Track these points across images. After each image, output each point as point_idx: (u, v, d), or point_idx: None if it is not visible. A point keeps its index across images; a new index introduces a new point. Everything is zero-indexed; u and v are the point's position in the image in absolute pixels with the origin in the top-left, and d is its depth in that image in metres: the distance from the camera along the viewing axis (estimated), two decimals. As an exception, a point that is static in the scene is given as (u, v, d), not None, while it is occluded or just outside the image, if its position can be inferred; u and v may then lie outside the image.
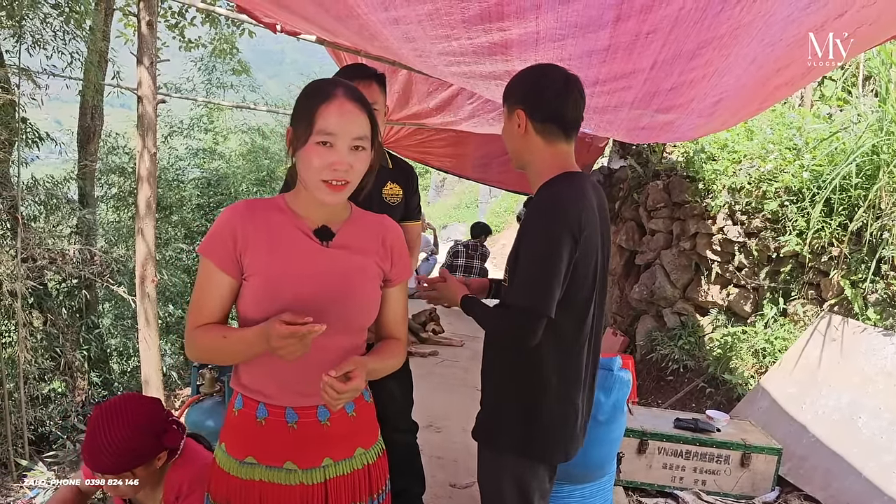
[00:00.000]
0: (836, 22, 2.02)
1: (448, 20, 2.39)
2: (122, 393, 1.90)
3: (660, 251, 6.36)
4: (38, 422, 5.94)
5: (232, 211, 1.48)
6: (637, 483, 3.67)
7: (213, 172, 10.14)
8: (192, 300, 1.50)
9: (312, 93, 1.44)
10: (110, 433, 1.74)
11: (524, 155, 1.92)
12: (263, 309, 1.42)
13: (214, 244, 1.45)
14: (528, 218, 1.82)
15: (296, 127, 1.43)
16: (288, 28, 3.59)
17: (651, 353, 5.90)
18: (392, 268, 1.60)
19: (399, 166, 2.63)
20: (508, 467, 1.90)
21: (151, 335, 3.79)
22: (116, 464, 1.75)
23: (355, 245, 1.54)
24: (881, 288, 4.15)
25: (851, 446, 3.60)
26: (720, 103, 2.99)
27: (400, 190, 2.55)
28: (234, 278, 1.46)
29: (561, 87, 1.85)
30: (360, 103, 1.44)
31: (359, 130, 1.41)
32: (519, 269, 1.76)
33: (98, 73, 7.69)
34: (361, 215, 1.61)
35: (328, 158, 1.39)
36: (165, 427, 1.83)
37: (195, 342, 1.47)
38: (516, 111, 1.87)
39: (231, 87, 11.29)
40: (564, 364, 1.84)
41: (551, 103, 1.85)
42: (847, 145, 4.58)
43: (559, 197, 1.79)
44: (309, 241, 1.49)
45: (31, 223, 6.55)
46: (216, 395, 3.11)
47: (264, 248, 1.45)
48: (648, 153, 6.97)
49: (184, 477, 1.85)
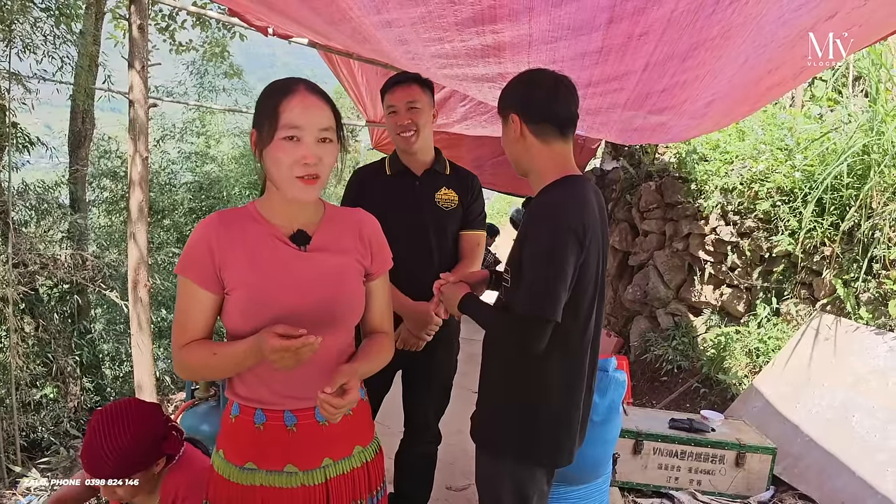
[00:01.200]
0: (826, 24, 2.03)
1: (441, 23, 2.39)
2: (121, 398, 1.88)
3: (653, 252, 6.38)
4: (31, 428, 5.89)
5: (205, 226, 1.45)
6: (633, 484, 3.67)
7: (205, 176, 10.11)
8: (176, 320, 1.47)
9: (273, 90, 1.43)
10: (111, 440, 1.72)
11: (524, 160, 1.92)
12: (250, 321, 1.41)
13: (192, 262, 1.43)
14: (531, 221, 1.82)
15: (259, 127, 1.42)
16: (280, 31, 3.58)
17: (645, 353, 5.91)
18: (372, 261, 1.59)
19: (457, 173, 2.62)
20: (507, 470, 1.90)
21: (144, 340, 3.77)
22: (116, 470, 1.73)
23: (333, 245, 1.53)
24: (873, 287, 4.17)
25: (845, 445, 3.61)
26: (712, 104, 3.00)
27: (455, 196, 2.54)
28: (215, 294, 1.44)
29: (551, 86, 1.87)
30: (322, 96, 1.43)
31: (324, 122, 1.41)
32: (524, 275, 1.75)
33: (89, 77, 7.65)
34: (335, 212, 1.59)
35: (296, 153, 1.37)
36: (166, 433, 1.82)
37: (183, 362, 1.45)
38: (511, 116, 1.88)
39: (223, 90, 11.26)
40: (568, 367, 1.84)
41: (542, 103, 1.86)
42: (838, 145, 4.60)
43: (563, 201, 1.79)
44: (286, 247, 1.47)
45: (23, 228, 6.50)
46: (211, 399, 3.10)
47: (243, 261, 1.43)
48: (641, 154, 6.98)
49: (180, 482, 1.84)
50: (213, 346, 1.44)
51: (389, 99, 2.46)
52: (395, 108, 2.44)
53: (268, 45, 28.80)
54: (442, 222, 2.51)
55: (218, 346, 1.43)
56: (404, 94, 2.43)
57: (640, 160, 6.98)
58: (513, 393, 1.87)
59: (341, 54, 4.02)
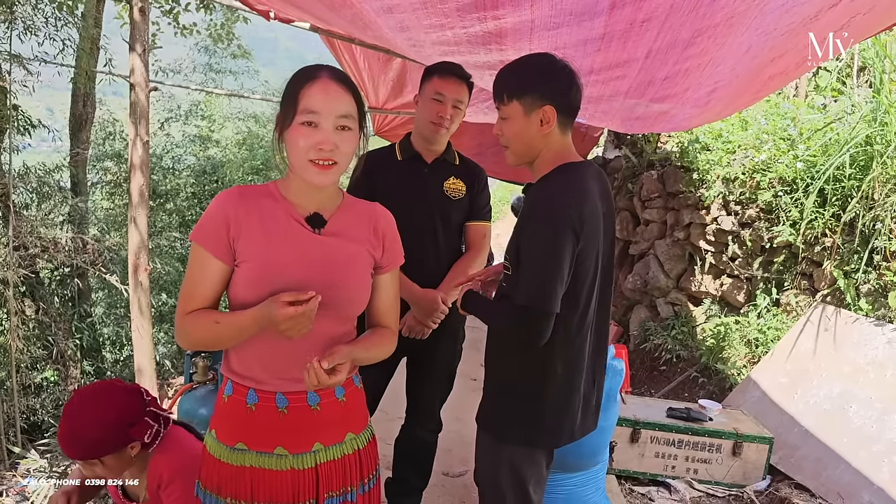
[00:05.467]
0: (830, 11, 2.01)
1: (442, 8, 2.37)
2: (100, 381, 1.90)
3: (654, 241, 6.37)
4: (31, 410, 5.93)
5: (225, 197, 1.47)
6: (629, 472, 3.69)
7: (208, 160, 10.09)
8: (184, 287, 1.49)
9: (298, 76, 1.44)
10: (77, 421, 1.74)
11: (535, 149, 1.87)
12: (255, 294, 1.42)
13: (207, 230, 1.45)
14: (528, 212, 1.81)
15: (282, 111, 1.44)
16: (281, 16, 3.56)
17: (644, 342, 5.92)
18: (384, 255, 1.60)
19: (465, 164, 2.61)
20: (507, 453, 1.91)
21: (144, 324, 3.78)
22: (82, 451, 1.76)
23: (347, 232, 1.54)
24: (873, 278, 4.16)
25: (842, 436, 3.62)
26: (715, 93, 2.99)
27: (463, 186, 2.52)
28: (227, 264, 1.45)
29: (573, 76, 1.82)
30: (345, 84, 1.44)
31: (343, 109, 1.41)
32: (523, 268, 1.76)
33: (90, 60, 7.62)
34: (354, 202, 1.61)
35: (313, 138, 1.39)
36: (136, 419, 1.81)
37: (186, 329, 1.46)
38: (542, 108, 1.79)
39: (230, 72, 11.22)
40: (567, 353, 1.84)
41: (575, 97, 1.84)
42: (841, 136, 4.58)
43: (559, 192, 1.78)
44: (301, 228, 1.49)
45: (23, 211, 6.52)
46: (209, 383, 3.10)
47: (257, 235, 1.45)
48: (643, 143, 6.96)
49: (165, 466, 1.84)
50: (216, 314, 1.45)
51: (442, 86, 2.39)
52: (443, 98, 2.39)
53: (270, 29, 28.78)
54: (448, 211, 2.50)
55: (221, 316, 1.44)
56: (457, 90, 2.40)
57: (642, 149, 6.96)
58: (513, 377, 1.89)
59: (343, 39, 4.00)
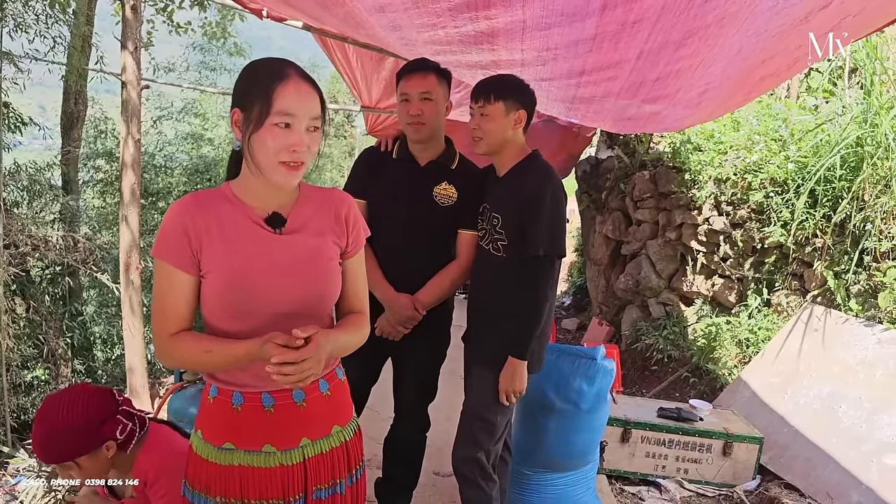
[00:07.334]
0: (821, 13, 2.02)
1: (434, 8, 2.37)
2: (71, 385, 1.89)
3: (646, 241, 6.39)
4: (21, 409, 5.88)
5: (180, 207, 1.43)
6: (620, 471, 3.70)
7: (201, 159, 10.04)
8: (155, 306, 1.44)
9: (265, 73, 1.39)
10: (48, 425, 1.74)
11: (504, 143, 2.34)
12: (226, 303, 1.40)
13: (169, 245, 1.40)
14: (540, 177, 2.26)
15: (249, 108, 1.38)
16: (274, 14, 3.55)
17: (636, 342, 5.94)
18: (348, 240, 1.58)
19: (465, 169, 2.52)
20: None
21: (136, 323, 3.77)
22: (57, 455, 1.75)
23: (308, 226, 1.51)
24: (863, 279, 4.19)
25: (832, 436, 3.64)
26: (706, 94, 3.00)
27: (455, 192, 2.44)
28: (194, 276, 1.42)
29: (534, 95, 2.39)
30: (312, 83, 1.42)
31: (315, 110, 1.40)
32: (540, 227, 2.21)
33: (81, 57, 7.57)
34: (311, 193, 1.57)
35: (287, 140, 1.36)
36: (106, 417, 1.80)
37: (170, 352, 1.42)
38: (518, 112, 2.30)
39: (225, 70, 11.16)
40: (554, 292, 2.32)
41: (533, 108, 2.37)
42: (832, 137, 4.61)
43: (550, 168, 2.33)
44: (261, 230, 1.46)
45: (14, 209, 6.46)
46: (199, 382, 3.10)
47: (218, 243, 1.42)
48: (635, 143, 6.98)
49: (149, 464, 1.84)
50: (206, 342, 1.41)
51: (403, 86, 2.37)
52: (408, 96, 2.35)
53: (264, 28, 28.61)
54: (435, 217, 2.43)
55: (212, 344, 1.40)
56: (420, 83, 2.35)
57: (634, 149, 6.97)
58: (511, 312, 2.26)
59: (336, 38, 3.99)
